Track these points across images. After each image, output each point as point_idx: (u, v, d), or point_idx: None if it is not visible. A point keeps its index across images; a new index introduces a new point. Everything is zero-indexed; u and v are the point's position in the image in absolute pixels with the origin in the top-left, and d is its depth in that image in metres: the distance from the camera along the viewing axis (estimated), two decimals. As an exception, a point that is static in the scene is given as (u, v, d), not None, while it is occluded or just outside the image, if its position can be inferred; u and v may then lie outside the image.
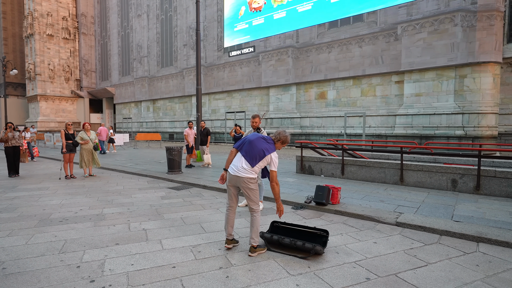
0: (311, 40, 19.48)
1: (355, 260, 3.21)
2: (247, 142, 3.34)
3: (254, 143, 3.30)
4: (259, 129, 5.05)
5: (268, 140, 3.36)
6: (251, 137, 3.36)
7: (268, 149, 3.29)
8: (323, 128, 19.13)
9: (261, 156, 3.25)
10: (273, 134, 3.43)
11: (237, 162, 3.34)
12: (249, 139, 3.36)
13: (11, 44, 42.43)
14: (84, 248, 3.41)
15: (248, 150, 3.28)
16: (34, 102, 37.78)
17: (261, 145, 3.28)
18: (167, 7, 29.72)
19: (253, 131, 5.09)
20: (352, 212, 4.83)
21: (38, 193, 6.31)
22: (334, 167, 8.12)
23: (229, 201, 3.43)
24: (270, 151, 3.29)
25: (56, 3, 37.03)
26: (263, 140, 3.33)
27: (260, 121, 5.13)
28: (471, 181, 6.15)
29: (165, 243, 3.61)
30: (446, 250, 3.48)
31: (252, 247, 3.32)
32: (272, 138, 3.41)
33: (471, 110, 14.28)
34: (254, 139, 3.33)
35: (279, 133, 3.38)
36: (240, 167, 3.28)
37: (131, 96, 34.27)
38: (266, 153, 3.26)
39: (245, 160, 3.28)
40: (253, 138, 3.34)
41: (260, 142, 3.32)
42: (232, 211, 3.42)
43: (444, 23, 14.73)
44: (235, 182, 3.32)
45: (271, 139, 3.39)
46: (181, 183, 7.61)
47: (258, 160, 3.25)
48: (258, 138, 3.34)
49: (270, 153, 3.28)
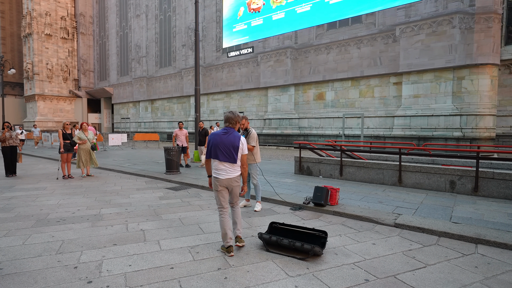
0: (309, 41, 19.51)
1: (353, 261, 3.20)
2: (215, 147, 3.31)
3: (223, 144, 3.28)
4: (247, 130, 5.05)
5: (229, 132, 3.34)
6: (215, 141, 3.33)
7: (235, 139, 3.31)
8: (321, 129, 19.15)
9: (236, 150, 3.31)
10: (225, 122, 3.44)
11: (220, 165, 3.33)
12: (214, 144, 3.32)
13: (9, 44, 42.26)
14: (81, 249, 3.38)
15: (223, 153, 3.28)
16: (31, 101, 37.61)
17: (229, 142, 3.28)
18: (166, 7, 29.70)
19: (241, 132, 5.11)
20: (350, 213, 4.83)
21: (35, 193, 6.27)
22: (332, 168, 8.12)
23: (223, 204, 3.40)
24: (238, 140, 3.32)
25: (54, 3, 36.91)
26: (226, 135, 3.32)
27: (247, 122, 5.10)
28: (469, 183, 6.16)
29: (163, 243, 3.59)
30: (444, 252, 3.48)
31: (239, 238, 3.46)
32: (228, 126, 3.42)
33: (469, 111, 14.33)
34: (219, 142, 3.30)
35: (228, 117, 3.42)
36: (228, 169, 3.32)
37: (130, 96, 34.19)
38: (237, 144, 3.31)
39: (227, 163, 3.30)
40: (218, 141, 3.31)
41: (226, 139, 3.29)
42: (226, 213, 3.41)
43: (442, 25, 14.79)
44: (227, 184, 3.35)
45: (230, 129, 3.38)
46: (179, 184, 7.58)
47: (236, 155, 3.31)
48: (221, 137, 3.31)
49: (239, 141, 3.33)
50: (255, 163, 5.16)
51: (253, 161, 5.12)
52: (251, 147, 5.01)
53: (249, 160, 5.09)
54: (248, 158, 5.10)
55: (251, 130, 5.08)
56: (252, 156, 5.10)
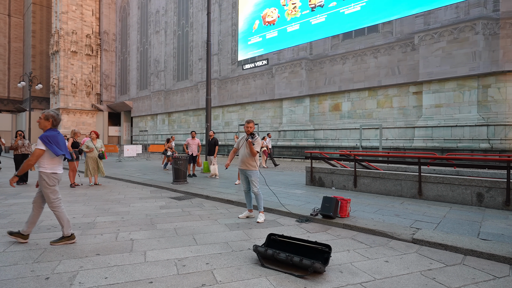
0: (324, 52, 19.24)
1: (361, 281, 2.75)
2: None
3: None
4: (253, 134, 4.78)
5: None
6: None
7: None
8: (337, 140, 18.54)
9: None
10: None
11: None
12: None
13: (38, 61, 44.89)
14: (61, 258, 3.13)
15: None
16: (56, 115, 39.29)
17: None
18: (184, 23, 30.58)
19: (246, 136, 4.86)
20: (362, 227, 4.35)
21: (37, 200, 6.19)
22: (346, 178, 7.61)
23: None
24: None
25: (81, 22, 39.03)
26: None
27: (253, 127, 4.94)
28: (500, 195, 5.50)
29: (149, 255, 3.28)
30: (471, 273, 2.96)
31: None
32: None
33: (496, 121, 13.38)
34: None
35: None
36: None
37: (148, 109, 35.01)
38: None
39: None
40: None
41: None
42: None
43: (464, 32, 14.11)
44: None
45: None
46: (184, 193, 7.33)
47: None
48: None
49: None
50: (256, 170, 4.83)
51: (254, 168, 4.80)
52: (255, 152, 4.72)
53: (251, 166, 4.78)
54: (250, 164, 4.79)
55: (257, 136, 4.81)
56: (254, 162, 4.79)
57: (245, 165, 4.84)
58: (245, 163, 4.84)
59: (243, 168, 4.87)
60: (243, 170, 4.91)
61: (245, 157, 4.82)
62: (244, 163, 4.84)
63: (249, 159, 4.80)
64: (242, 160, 4.87)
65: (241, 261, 3.14)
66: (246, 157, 4.81)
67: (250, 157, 4.79)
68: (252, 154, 4.76)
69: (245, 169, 4.86)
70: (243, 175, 4.97)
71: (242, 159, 4.89)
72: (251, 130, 4.84)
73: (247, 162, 4.81)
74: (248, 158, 4.80)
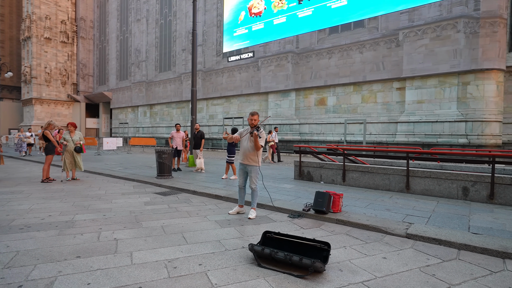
0: (311, 46, 19.16)
1: (362, 280, 2.65)
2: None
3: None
4: (258, 127, 4.52)
5: None
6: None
7: None
8: (322, 135, 18.63)
9: None
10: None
11: None
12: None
13: (8, 47, 42.09)
14: (36, 262, 2.83)
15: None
16: (29, 105, 37.23)
17: None
18: (167, 12, 29.55)
19: (250, 129, 4.57)
20: (356, 222, 4.28)
21: (8, 197, 5.73)
22: (334, 173, 7.58)
23: None
24: None
25: (55, 7, 36.88)
26: None
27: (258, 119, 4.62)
28: (484, 189, 5.62)
29: (136, 256, 3.04)
30: (469, 268, 2.94)
31: None
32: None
33: (474, 117, 13.84)
34: None
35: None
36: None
37: (128, 101, 33.81)
38: None
39: None
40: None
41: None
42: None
43: (447, 30, 14.42)
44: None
45: None
46: (170, 188, 7.04)
47: None
48: None
49: None
50: (257, 166, 4.59)
51: (255, 163, 4.57)
52: (260, 145, 4.47)
53: (252, 161, 4.55)
54: (252, 159, 4.55)
55: (261, 130, 4.53)
56: (256, 157, 4.55)
57: (247, 160, 4.57)
58: (247, 158, 4.57)
59: (244, 162, 4.60)
60: (243, 165, 4.63)
61: (248, 151, 4.54)
62: (246, 157, 4.57)
63: (252, 153, 4.53)
64: (244, 154, 4.58)
65: (236, 261, 2.97)
66: (249, 151, 4.54)
67: (253, 151, 4.52)
68: (256, 148, 4.49)
69: (246, 164, 4.60)
70: (242, 170, 4.71)
71: (244, 153, 4.59)
72: (255, 123, 4.52)
73: (249, 157, 4.55)
74: (251, 152, 4.53)
